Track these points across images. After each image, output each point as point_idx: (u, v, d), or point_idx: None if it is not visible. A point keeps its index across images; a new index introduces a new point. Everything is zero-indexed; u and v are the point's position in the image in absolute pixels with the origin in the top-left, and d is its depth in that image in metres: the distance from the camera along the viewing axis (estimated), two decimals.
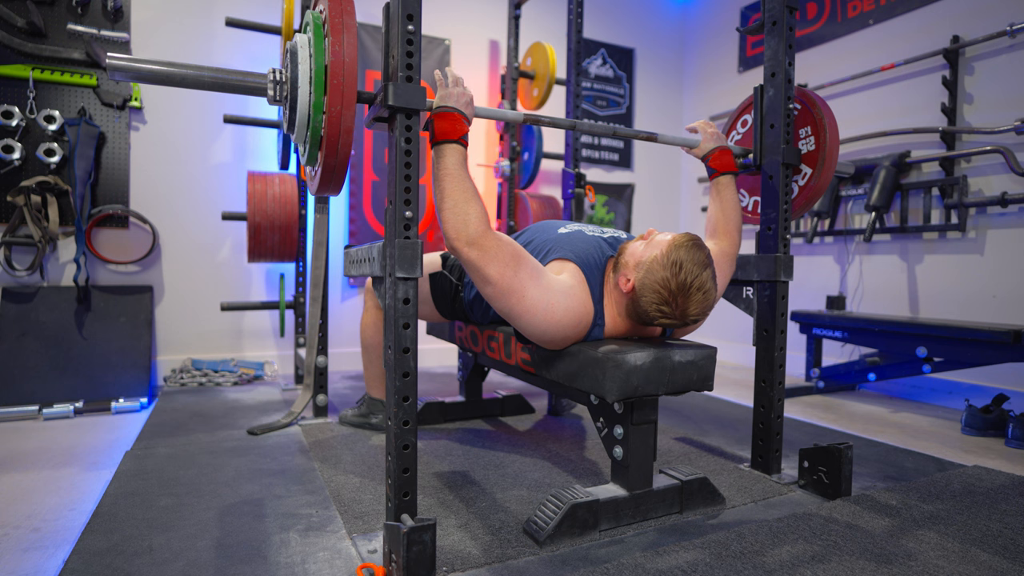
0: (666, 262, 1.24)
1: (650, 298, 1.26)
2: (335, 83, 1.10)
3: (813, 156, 1.69)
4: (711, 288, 1.26)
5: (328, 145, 1.14)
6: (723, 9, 4.07)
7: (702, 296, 1.25)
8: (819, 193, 1.71)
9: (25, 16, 2.54)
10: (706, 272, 1.25)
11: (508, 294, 1.23)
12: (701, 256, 1.26)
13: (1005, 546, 1.24)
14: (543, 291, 1.25)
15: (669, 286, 1.24)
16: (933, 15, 2.79)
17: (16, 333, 2.44)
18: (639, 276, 1.28)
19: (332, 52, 1.10)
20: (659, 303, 1.26)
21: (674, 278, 1.23)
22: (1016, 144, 2.43)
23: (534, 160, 3.23)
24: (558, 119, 1.50)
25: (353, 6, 1.14)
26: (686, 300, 1.24)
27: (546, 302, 1.25)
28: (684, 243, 1.26)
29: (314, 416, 2.18)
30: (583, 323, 1.31)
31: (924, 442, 2.09)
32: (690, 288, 1.24)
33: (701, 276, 1.24)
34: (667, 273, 1.24)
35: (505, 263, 1.21)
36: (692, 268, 1.23)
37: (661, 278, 1.24)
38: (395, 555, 1.05)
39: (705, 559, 1.15)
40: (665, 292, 1.24)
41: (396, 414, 1.13)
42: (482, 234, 1.20)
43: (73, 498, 1.46)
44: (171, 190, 2.88)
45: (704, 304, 1.26)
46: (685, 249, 1.25)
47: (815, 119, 1.68)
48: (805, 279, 3.36)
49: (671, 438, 2.03)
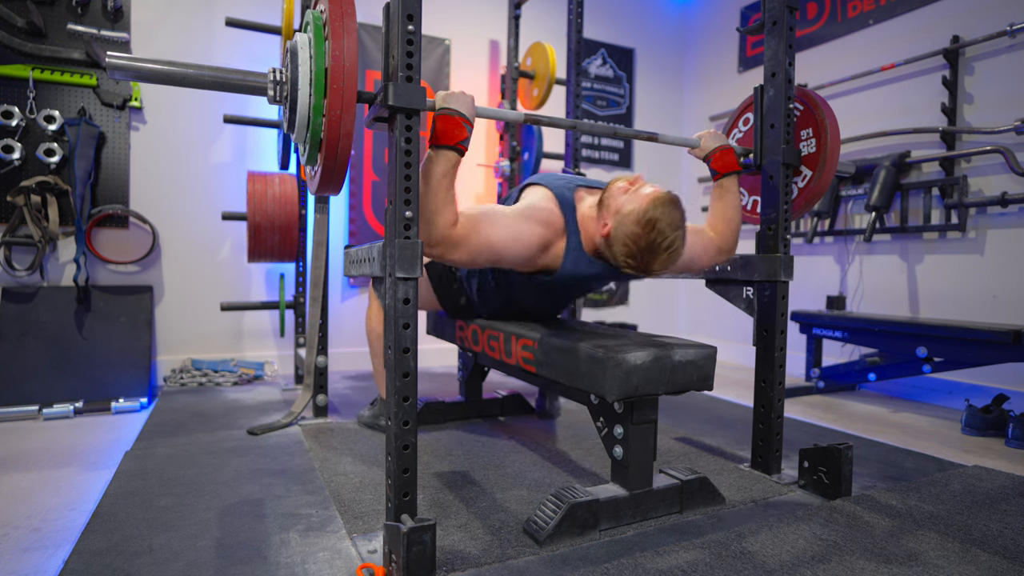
0: (642, 219, 1.29)
1: (619, 248, 1.33)
2: (335, 87, 1.10)
3: (814, 158, 1.69)
4: (678, 248, 1.32)
5: (328, 146, 1.14)
6: (723, 9, 4.07)
7: (667, 256, 1.31)
8: (819, 195, 1.71)
9: (25, 16, 2.54)
10: (676, 233, 1.30)
11: (479, 254, 1.32)
12: (675, 217, 1.30)
13: (1005, 546, 1.24)
14: (506, 228, 1.34)
15: (640, 242, 1.30)
16: (933, 15, 2.79)
17: (16, 333, 2.44)
18: (614, 224, 1.34)
19: (332, 56, 1.10)
20: (627, 255, 1.33)
21: (645, 236, 1.29)
22: (1016, 144, 2.43)
23: (534, 160, 3.23)
24: (558, 119, 1.49)
25: (354, 8, 1.14)
26: (652, 257, 1.31)
27: (513, 233, 1.35)
28: (664, 200, 1.31)
29: (314, 416, 2.18)
30: (554, 231, 1.41)
31: (924, 442, 2.09)
32: (658, 247, 1.30)
33: (670, 237, 1.29)
34: (639, 229, 1.29)
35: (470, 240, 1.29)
36: (664, 228, 1.28)
37: (633, 233, 1.30)
38: (395, 555, 1.05)
39: (705, 559, 1.15)
40: (634, 246, 1.31)
41: (396, 414, 1.13)
42: (444, 236, 1.25)
43: (73, 498, 1.46)
44: (171, 190, 2.88)
45: (668, 262, 1.33)
46: (663, 208, 1.29)
47: (817, 121, 1.68)
48: (805, 279, 3.36)
49: (671, 438, 2.03)
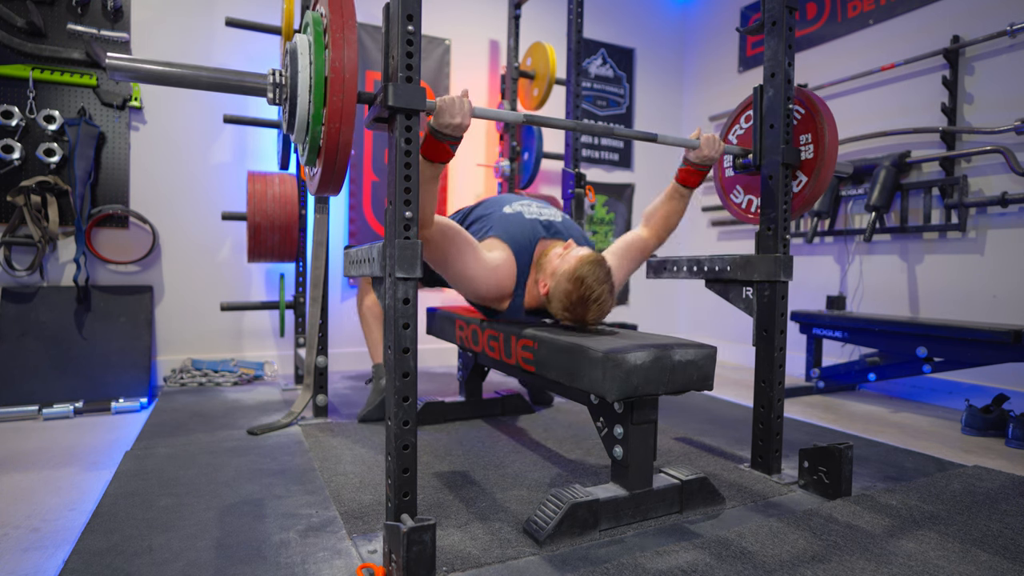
0: (572, 276, 1.49)
1: (556, 304, 1.53)
2: (335, 98, 1.10)
3: (810, 165, 1.69)
4: (606, 300, 1.50)
5: (328, 148, 1.14)
6: (723, 9, 4.07)
7: (597, 307, 1.49)
8: (811, 202, 1.73)
9: (25, 16, 2.54)
10: (603, 287, 1.48)
11: (442, 269, 1.56)
12: (601, 273, 1.49)
13: (1005, 546, 1.24)
14: (470, 268, 1.55)
15: (571, 297, 1.49)
16: (933, 15, 2.79)
17: (16, 333, 2.44)
18: (552, 284, 1.55)
19: (332, 69, 1.10)
20: (563, 308, 1.52)
21: (576, 291, 1.48)
22: (1016, 144, 2.43)
23: (534, 160, 3.23)
24: (558, 119, 1.50)
25: (354, 20, 1.14)
26: (585, 309, 1.49)
27: (471, 276, 1.56)
28: (590, 261, 1.50)
29: (314, 416, 2.18)
30: (502, 295, 1.64)
31: (924, 442, 2.09)
32: (588, 300, 1.48)
33: (597, 291, 1.47)
34: (571, 286, 1.48)
35: (434, 249, 1.49)
36: (592, 284, 1.47)
37: (565, 290, 1.50)
38: (395, 555, 1.05)
39: (705, 559, 1.15)
40: (567, 301, 1.50)
41: (396, 414, 1.13)
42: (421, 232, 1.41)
43: (73, 498, 1.46)
44: (171, 190, 2.88)
45: (599, 312, 1.51)
46: (589, 267, 1.48)
47: (817, 128, 1.67)
48: (805, 279, 3.36)
49: (671, 438, 2.03)
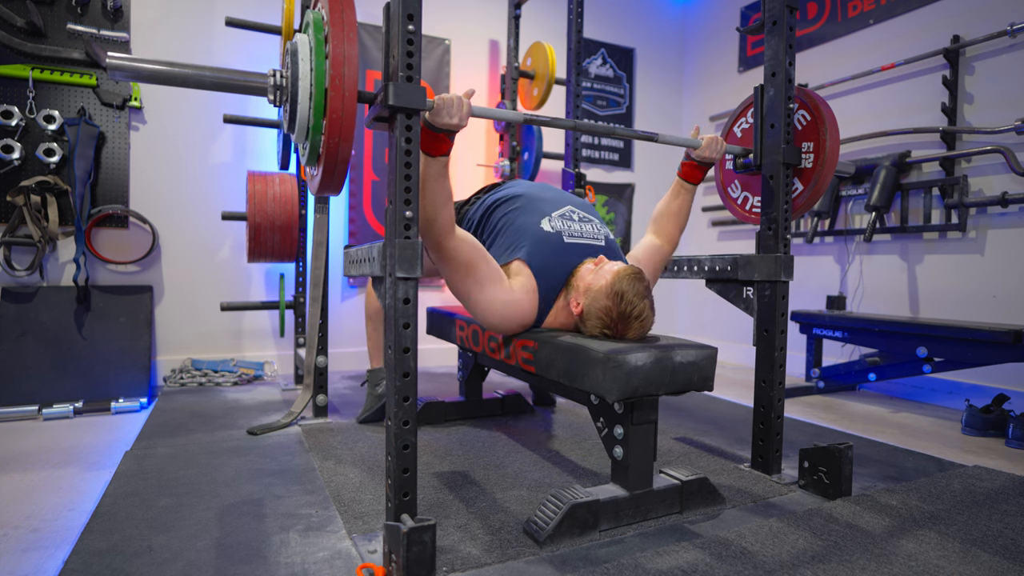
0: (610, 292, 1.35)
1: (594, 323, 1.38)
2: (335, 99, 1.10)
3: (808, 174, 1.70)
4: (648, 316, 1.37)
5: (328, 150, 1.14)
6: (723, 9, 4.07)
7: (639, 324, 1.36)
8: (808, 207, 1.74)
9: (25, 16, 2.54)
10: (644, 302, 1.35)
11: (456, 290, 1.44)
12: (641, 288, 1.36)
13: (1005, 546, 1.24)
14: (487, 297, 1.42)
15: (611, 314, 1.35)
16: (933, 15, 2.79)
17: (16, 333, 2.44)
18: (586, 302, 1.40)
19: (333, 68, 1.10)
20: (602, 327, 1.37)
21: (616, 307, 1.34)
22: (1016, 144, 2.43)
23: (534, 160, 3.23)
24: (558, 119, 1.49)
25: (355, 19, 1.13)
26: (626, 327, 1.35)
27: (487, 304, 1.42)
28: (627, 275, 1.37)
29: (314, 416, 2.18)
30: (522, 325, 1.49)
31: (924, 442, 2.09)
32: (630, 317, 1.34)
33: (639, 306, 1.34)
34: (610, 303, 1.35)
35: (455, 269, 1.39)
36: (633, 299, 1.34)
37: (604, 306, 1.36)
38: (395, 555, 1.05)
39: (705, 559, 1.15)
40: (607, 319, 1.36)
41: (396, 414, 1.13)
42: (441, 241, 1.34)
43: (73, 498, 1.46)
44: (171, 190, 2.88)
45: (641, 330, 1.37)
46: (628, 281, 1.35)
47: (819, 138, 1.66)
48: (805, 279, 3.36)
49: (671, 438, 2.03)
